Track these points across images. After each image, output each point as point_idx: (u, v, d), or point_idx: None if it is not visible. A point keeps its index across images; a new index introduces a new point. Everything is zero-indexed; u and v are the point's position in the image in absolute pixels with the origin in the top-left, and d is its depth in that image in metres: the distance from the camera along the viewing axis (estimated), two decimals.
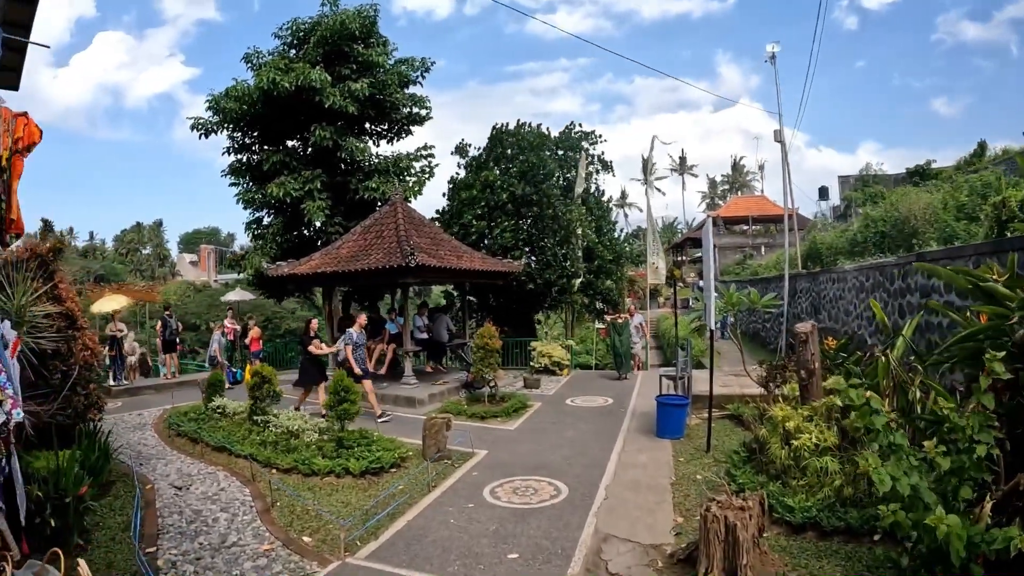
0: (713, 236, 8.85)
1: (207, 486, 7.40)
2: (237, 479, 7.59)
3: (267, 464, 7.87)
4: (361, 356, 10.93)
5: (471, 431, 9.32)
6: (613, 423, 10.06)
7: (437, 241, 14.09)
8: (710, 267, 8.52)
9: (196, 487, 7.36)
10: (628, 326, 15.17)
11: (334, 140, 16.22)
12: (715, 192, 74.16)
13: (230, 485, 7.39)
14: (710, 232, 8.65)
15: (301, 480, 7.43)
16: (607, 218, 21.08)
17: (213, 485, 7.42)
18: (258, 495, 6.96)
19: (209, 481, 7.59)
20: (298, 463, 7.61)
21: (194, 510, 6.58)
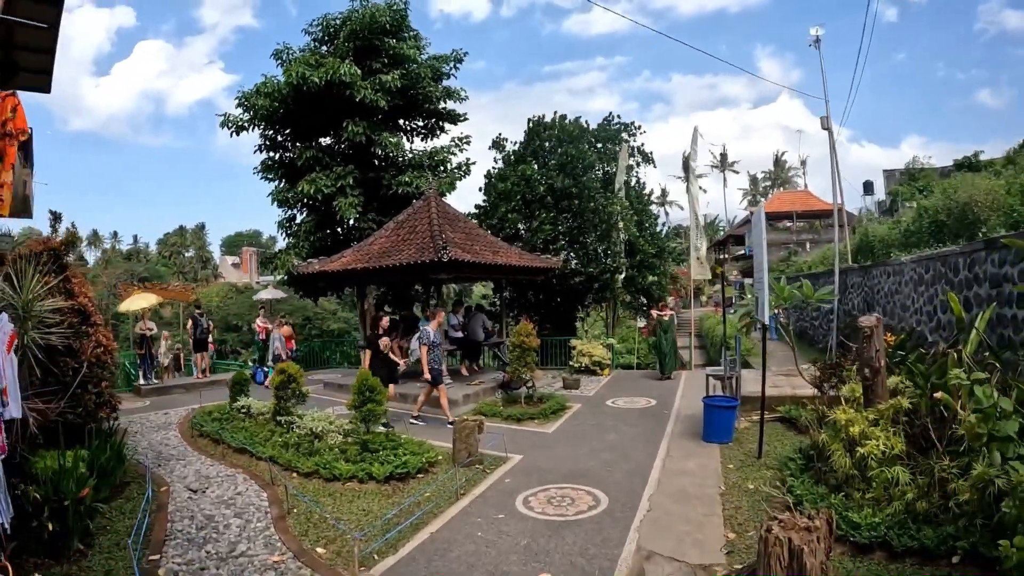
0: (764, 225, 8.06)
1: (224, 489, 6.97)
2: (256, 482, 7.14)
3: (288, 467, 7.42)
4: (437, 357, 10.03)
5: (506, 434, 8.72)
6: (656, 426, 9.35)
7: (472, 236, 13.52)
8: (762, 257, 7.69)
9: (213, 490, 6.94)
10: (673, 323, 14.39)
11: (367, 135, 15.90)
12: (757, 189, 72.43)
13: (248, 489, 6.94)
14: (762, 220, 7.85)
15: (322, 485, 6.93)
16: (649, 211, 20.21)
17: (230, 488, 6.99)
18: (275, 500, 6.49)
19: (227, 484, 7.15)
20: (319, 467, 7.12)
21: (207, 515, 6.14)
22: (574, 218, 17.80)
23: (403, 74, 16.39)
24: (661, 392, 12.21)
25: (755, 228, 8.11)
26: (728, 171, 74.58)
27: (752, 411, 9.39)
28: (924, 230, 16.85)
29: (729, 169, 74.74)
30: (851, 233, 21.06)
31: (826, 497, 5.34)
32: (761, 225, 7.78)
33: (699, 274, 17.28)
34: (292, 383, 8.69)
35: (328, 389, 13.97)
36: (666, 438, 8.59)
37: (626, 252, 17.96)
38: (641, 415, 10.21)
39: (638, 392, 12.27)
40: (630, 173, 19.63)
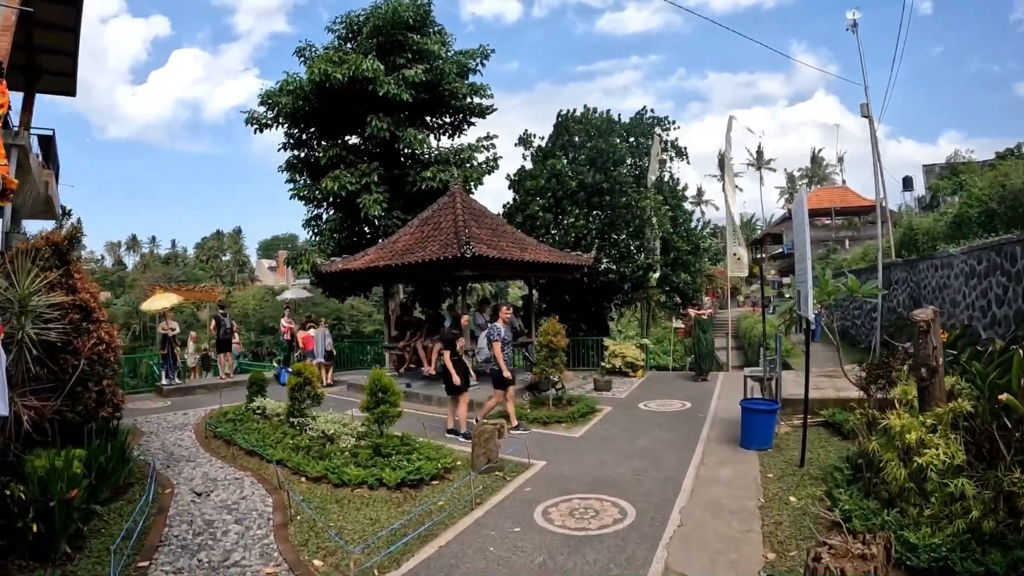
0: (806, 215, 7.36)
1: (229, 493, 6.61)
2: (264, 487, 6.76)
3: (296, 471, 7.03)
4: (509, 356, 9.21)
5: (530, 438, 8.23)
6: (691, 430, 8.72)
7: (499, 233, 13.02)
8: (805, 248, 6.98)
9: (218, 493, 6.59)
10: (711, 323, 13.73)
11: (391, 131, 15.58)
12: (793, 187, 70.72)
13: (254, 493, 6.56)
14: (803, 208, 7.11)
15: (330, 491, 6.50)
16: (683, 207, 19.41)
17: (236, 492, 6.63)
18: (280, 506, 6.09)
19: (233, 487, 6.80)
20: (328, 471, 6.70)
21: (207, 520, 5.79)
22: (605, 214, 17.15)
23: (427, 69, 16.04)
24: (696, 394, 11.55)
25: (797, 217, 7.41)
26: (765, 169, 73.22)
27: (793, 415, 8.83)
28: (973, 219, 15.80)
29: (765, 167, 73.50)
30: (893, 228, 19.96)
31: (878, 513, 4.73)
32: (803, 214, 7.07)
33: (736, 271, 16.50)
34: (307, 384, 8.32)
35: (352, 391, 13.62)
36: (701, 443, 7.97)
37: (660, 249, 17.27)
38: (675, 419, 9.59)
39: (672, 394, 11.63)
40: (663, 168, 18.93)
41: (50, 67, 15.67)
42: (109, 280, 51.88)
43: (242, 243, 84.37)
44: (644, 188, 17.07)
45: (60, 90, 16.94)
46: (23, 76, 15.62)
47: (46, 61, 15.44)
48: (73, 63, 15.53)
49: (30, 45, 14.75)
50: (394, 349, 13.95)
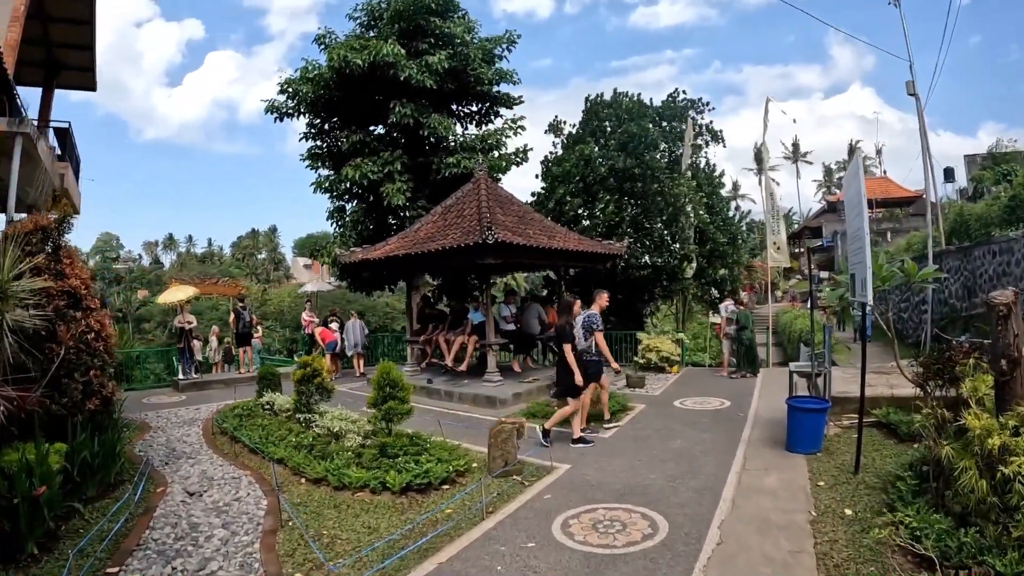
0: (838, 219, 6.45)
1: (224, 493, 6.14)
2: (261, 487, 6.26)
3: (297, 471, 6.49)
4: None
5: (555, 438, 7.55)
6: (731, 431, 7.93)
7: (526, 220, 12.30)
8: (861, 223, 6.06)
9: (212, 493, 6.13)
10: (751, 317, 12.87)
11: (415, 118, 15.00)
12: (831, 180, 68.78)
13: (249, 495, 6.05)
14: (860, 174, 6.21)
15: (329, 494, 5.93)
16: (720, 195, 18.37)
17: (231, 492, 6.15)
18: (273, 510, 5.55)
19: (229, 488, 6.32)
20: (328, 473, 6.13)
21: (193, 522, 5.33)
22: (638, 202, 16.25)
23: (451, 55, 15.41)
24: (736, 392, 10.73)
25: (850, 189, 6.51)
26: (801, 162, 71.53)
27: (842, 415, 8.07)
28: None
29: (802, 160, 72.15)
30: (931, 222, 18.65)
31: (952, 533, 4.00)
32: (859, 184, 6.16)
33: (777, 261, 15.54)
34: (315, 377, 7.79)
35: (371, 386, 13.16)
36: (742, 446, 7.19)
37: (696, 240, 16.34)
38: (713, 418, 8.80)
39: (710, 391, 10.84)
40: (697, 154, 17.96)
41: (69, 62, 15.68)
42: (146, 279, 52.67)
43: (277, 241, 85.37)
44: (678, 174, 16.18)
45: (81, 85, 16.93)
46: (42, 71, 15.69)
47: (64, 56, 15.46)
48: (91, 57, 15.47)
49: (47, 40, 14.76)
50: (416, 343, 13.38)
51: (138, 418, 10.24)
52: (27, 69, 15.63)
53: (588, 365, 7.68)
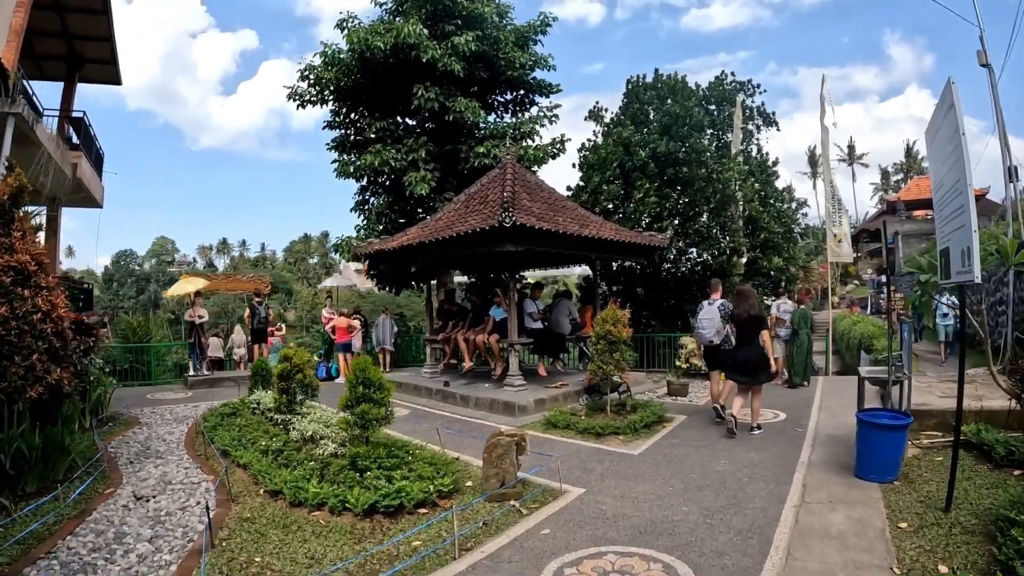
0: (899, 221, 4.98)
1: (173, 500, 5.36)
2: (217, 496, 5.37)
3: (258, 480, 5.49)
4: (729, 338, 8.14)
5: (574, 454, 6.40)
6: (786, 451, 6.55)
7: (556, 208, 11.01)
8: (962, 166, 4.33)
9: (162, 499, 5.38)
10: (808, 318, 11.32)
11: (440, 102, 14.02)
12: (888, 183, 65.54)
13: (199, 504, 5.20)
14: (956, 104, 4.52)
15: (284, 510, 4.92)
16: (773, 184, 16.58)
17: (180, 500, 5.38)
18: (219, 524, 4.63)
19: (183, 494, 5.50)
20: (285, 485, 5.07)
21: (121, 532, 4.58)
22: (683, 190, 14.75)
23: (479, 37, 14.38)
24: (791, 403, 9.27)
25: (941, 128, 4.87)
26: (857, 164, 68.86)
27: (920, 431, 6.60)
28: None
29: (858, 162, 69.46)
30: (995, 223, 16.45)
31: None
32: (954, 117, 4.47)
33: (838, 256, 13.88)
34: (297, 373, 6.79)
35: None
36: (800, 470, 5.79)
37: (747, 231, 14.75)
38: (765, 434, 7.39)
39: (763, 401, 9.42)
40: (749, 140, 16.33)
41: (89, 54, 15.51)
42: None
43: (329, 246, 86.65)
44: (727, 159, 14.67)
45: (104, 79, 16.80)
46: (64, 64, 15.50)
47: (84, 48, 15.29)
48: (111, 49, 15.22)
49: (66, 33, 14.53)
50: (434, 342, 12.30)
51: (133, 413, 9.79)
52: (50, 63, 15.64)
53: (725, 355, 7.80)
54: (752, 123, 16.79)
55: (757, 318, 7.54)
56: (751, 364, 7.37)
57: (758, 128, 17.07)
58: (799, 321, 11.23)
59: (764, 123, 17.07)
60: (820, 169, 68.71)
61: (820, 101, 14.24)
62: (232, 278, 18.92)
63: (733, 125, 15.44)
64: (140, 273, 76.24)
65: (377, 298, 26.39)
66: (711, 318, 7.91)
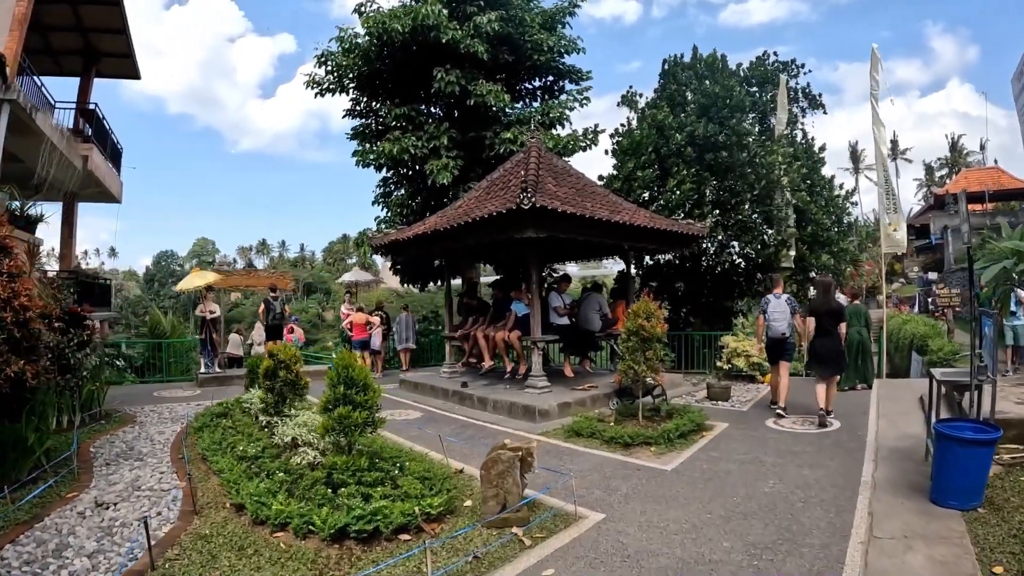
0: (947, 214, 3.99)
1: (135, 508, 4.78)
2: (183, 505, 4.76)
3: (227, 491, 4.78)
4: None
5: (597, 468, 5.51)
6: (846, 467, 5.55)
7: (585, 194, 10.03)
8: None
9: (125, 507, 4.81)
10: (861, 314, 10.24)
11: (461, 85, 13.25)
12: (932, 179, 63.23)
13: (161, 514, 4.66)
14: None
15: (245, 528, 4.19)
16: (820, 171, 15.24)
17: (143, 509, 4.75)
18: (168, 541, 4.00)
19: (147, 502, 4.93)
20: (248, 499, 4.33)
21: (65, 543, 4.04)
22: (723, 177, 13.54)
23: (502, 18, 13.56)
24: (845, 408, 8.20)
25: None
26: (900, 159, 66.34)
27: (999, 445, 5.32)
28: None
29: (901, 158, 67.19)
30: None
31: None
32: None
33: (894, 246, 12.60)
34: (282, 370, 6.07)
35: (403, 388, 11.43)
36: (864, 492, 4.80)
37: (794, 221, 13.56)
38: (819, 445, 6.38)
39: (813, 407, 8.39)
40: (794, 125, 15.07)
41: (105, 48, 15.31)
42: None
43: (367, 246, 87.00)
44: (771, 142, 13.49)
45: (123, 73, 16.65)
46: (81, 59, 15.32)
47: (99, 41, 15.07)
48: (127, 42, 14.98)
49: (81, 26, 14.32)
50: (453, 339, 11.50)
51: (131, 411, 9.29)
52: (68, 58, 15.51)
53: (789, 347, 8.21)
54: (796, 105, 15.51)
55: (837, 311, 7.72)
56: (832, 355, 7.53)
57: (803, 111, 15.82)
58: (850, 318, 10.11)
59: (810, 105, 15.79)
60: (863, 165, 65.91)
61: (869, 77, 12.99)
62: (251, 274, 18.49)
63: (777, 107, 14.23)
64: (181, 273, 77.70)
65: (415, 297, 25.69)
66: (782, 311, 8.07)
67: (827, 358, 7.54)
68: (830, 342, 7.53)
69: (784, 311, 8.07)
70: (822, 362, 7.59)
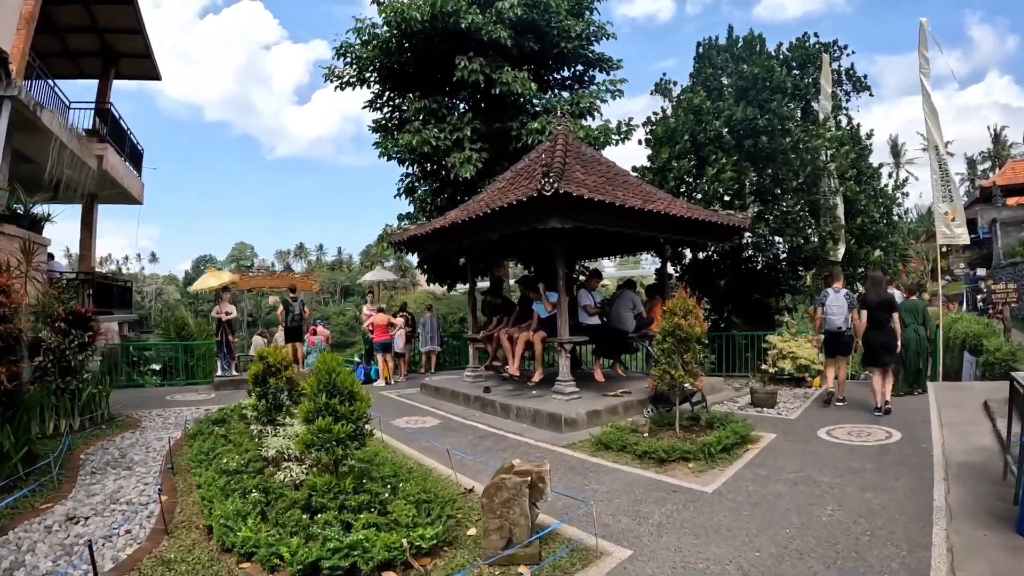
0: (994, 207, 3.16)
1: (106, 523, 4.34)
2: (155, 523, 4.27)
3: (202, 509, 4.27)
4: None
5: (626, 489, 4.82)
6: (913, 488, 4.75)
7: (615, 183, 9.18)
8: None
9: (94, 522, 4.38)
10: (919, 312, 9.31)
11: (485, 73, 12.63)
12: (974, 172, 60.26)
13: (130, 532, 4.15)
14: None
15: (212, 555, 3.65)
16: (867, 159, 14.05)
17: (115, 524, 4.30)
18: (131, 565, 3.52)
19: (119, 518, 4.45)
20: (217, 523, 3.78)
21: (16, 563, 3.65)
22: (764, 165, 12.55)
23: (525, 2, 12.89)
24: (903, 417, 7.33)
25: None
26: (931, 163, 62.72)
27: None
28: None
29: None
30: None
31: None
32: None
33: (949, 239, 11.52)
34: (274, 375, 5.53)
35: (424, 392, 10.86)
36: (938, 522, 4.02)
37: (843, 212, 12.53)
38: (880, 461, 5.54)
39: (867, 416, 7.52)
40: (838, 110, 13.97)
41: (122, 48, 15.16)
42: None
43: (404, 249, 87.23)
44: (815, 125, 12.50)
45: (142, 74, 16.51)
46: (100, 60, 15.22)
47: (116, 42, 14.92)
48: (144, 42, 14.81)
49: (96, 27, 14.20)
50: (476, 341, 10.86)
51: (137, 415, 8.91)
52: (87, 61, 15.42)
53: (846, 340, 8.34)
54: (840, 89, 14.38)
55: (888, 302, 7.84)
56: (885, 347, 7.65)
57: (847, 95, 14.66)
58: (907, 315, 9.16)
59: (854, 88, 14.60)
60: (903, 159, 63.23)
61: (918, 55, 11.90)
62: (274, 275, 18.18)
63: (819, 89, 13.19)
64: None
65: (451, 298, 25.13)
66: (840, 305, 8.25)
67: (880, 349, 7.64)
68: (883, 334, 7.66)
69: (842, 305, 8.22)
70: (876, 353, 7.68)
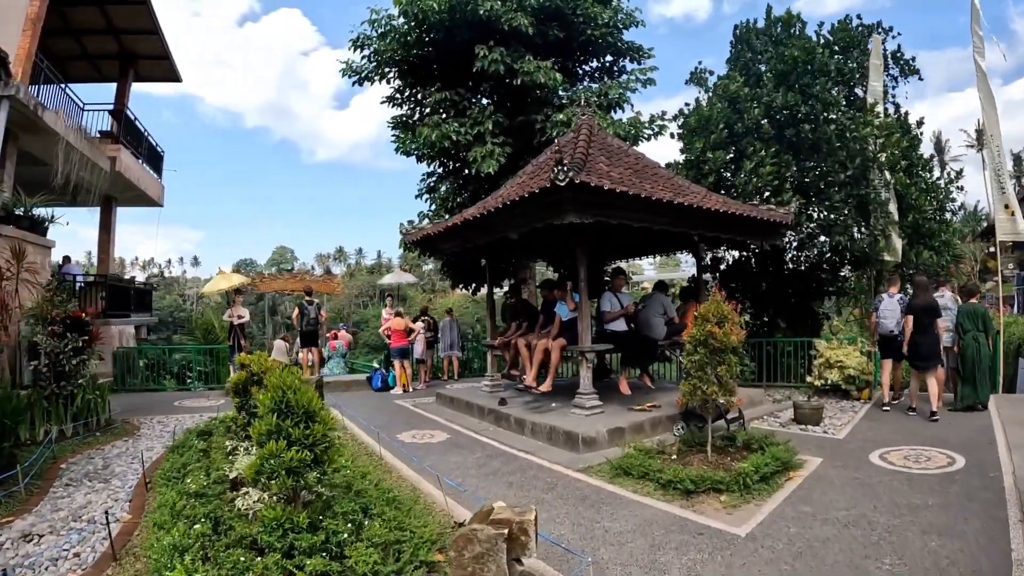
0: None
1: (59, 545, 3.94)
2: (108, 548, 3.79)
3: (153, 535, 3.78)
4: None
5: (642, 529, 4.14)
6: (987, 530, 3.97)
7: (643, 175, 8.42)
8: None
9: (47, 541, 4.02)
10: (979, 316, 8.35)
11: (506, 64, 12.03)
12: (1021, 169, 56.72)
13: (80, 556, 3.76)
14: None
15: None
16: (918, 149, 12.83)
17: (68, 546, 3.93)
18: None
19: (73, 539, 4.04)
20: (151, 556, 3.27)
21: None
22: (807, 157, 11.50)
23: None
24: (965, 436, 6.49)
25: None
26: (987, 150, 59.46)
27: None
28: None
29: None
30: None
31: None
32: None
33: (1010, 234, 10.42)
34: (256, 384, 5.01)
35: (439, 402, 10.23)
36: None
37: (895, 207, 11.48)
38: (945, 495, 4.69)
39: (925, 435, 6.65)
40: (884, 98, 12.75)
41: (140, 50, 15.06)
42: None
43: None
44: (861, 112, 11.49)
45: (162, 76, 16.40)
46: (118, 62, 15.11)
47: (134, 43, 14.82)
48: (161, 43, 14.69)
49: (112, 28, 14.10)
50: (493, 348, 10.21)
51: (137, 422, 8.60)
52: (106, 63, 15.35)
53: (899, 345, 8.25)
54: (886, 74, 13.15)
55: (931, 307, 7.95)
56: (927, 349, 7.84)
57: (894, 80, 13.47)
58: (964, 320, 8.20)
59: (901, 72, 13.41)
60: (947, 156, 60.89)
61: (971, 32, 10.86)
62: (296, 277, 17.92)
63: (867, 73, 12.14)
64: None
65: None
66: (893, 310, 8.49)
67: (923, 353, 7.83)
68: (923, 338, 7.82)
69: (895, 310, 8.45)
70: (918, 356, 7.91)
